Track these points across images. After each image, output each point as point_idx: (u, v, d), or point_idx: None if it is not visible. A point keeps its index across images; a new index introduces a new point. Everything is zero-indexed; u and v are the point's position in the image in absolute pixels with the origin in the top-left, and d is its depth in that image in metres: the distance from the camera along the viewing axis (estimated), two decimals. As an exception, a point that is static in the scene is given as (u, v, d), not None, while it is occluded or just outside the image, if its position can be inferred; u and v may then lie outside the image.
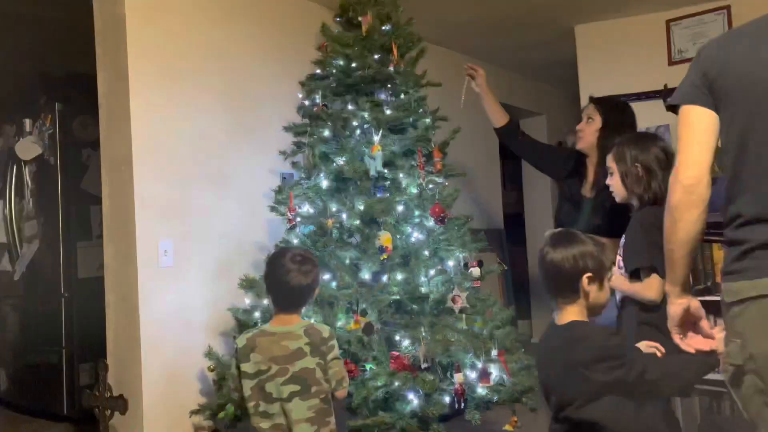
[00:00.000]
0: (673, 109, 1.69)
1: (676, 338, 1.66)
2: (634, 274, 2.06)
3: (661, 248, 1.73)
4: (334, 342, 2.06)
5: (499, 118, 3.14)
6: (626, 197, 2.17)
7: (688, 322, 1.67)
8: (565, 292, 1.70)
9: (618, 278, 2.08)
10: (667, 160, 2.07)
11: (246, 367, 2.00)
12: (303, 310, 2.14)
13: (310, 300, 2.15)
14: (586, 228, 2.68)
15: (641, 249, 2.02)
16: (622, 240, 2.17)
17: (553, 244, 1.73)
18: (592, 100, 2.86)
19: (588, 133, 2.76)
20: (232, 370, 2.10)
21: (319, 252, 2.69)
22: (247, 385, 2.00)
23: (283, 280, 2.05)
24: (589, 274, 1.67)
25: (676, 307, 1.65)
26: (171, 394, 2.77)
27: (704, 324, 1.67)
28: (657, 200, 2.03)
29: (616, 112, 2.79)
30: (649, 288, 2.01)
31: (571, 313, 1.70)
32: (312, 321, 2.19)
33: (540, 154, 3.16)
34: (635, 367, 1.61)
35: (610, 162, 2.21)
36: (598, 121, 2.74)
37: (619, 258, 2.17)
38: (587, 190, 2.81)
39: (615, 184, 2.20)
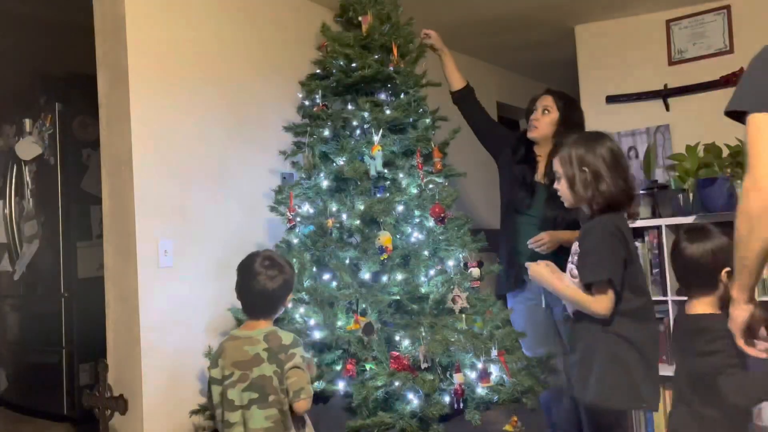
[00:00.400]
0: (735, 115, 1.60)
1: (741, 343, 1.65)
2: (588, 286, 1.95)
3: (621, 260, 1.80)
4: (296, 350, 1.96)
5: (457, 81, 3.15)
6: (575, 203, 2.04)
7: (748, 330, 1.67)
8: (702, 285, 1.82)
9: (567, 287, 2.00)
10: (615, 160, 1.94)
11: (214, 373, 1.97)
12: (274, 315, 2.05)
13: (280, 306, 2.05)
14: (543, 215, 2.73)
15: (601, 261, 1.90)
16: (575, 246, 2.05)
17: (689, 239, 1.83)
18: (550, 91, 2.89)
19: (544, 124, 2.81)
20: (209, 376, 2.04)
21: (319, 252, 2.69)
22: (216, 391, 1.96)
23: (250, 285, 2.00)
24: (728, 269, 1.75)
25: (743, 312, 1.62)
26: (171, 394, 2.77)
27: (764, 331, 1.68)
28: (609, 205, 1.94)
29: (572, 108, 2.84)
30: (599, 303, 1.90)
31: (705, 305, 1.83)
32: (277, 328, 2.06)
33: (489, 127, 3.19)
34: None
35: (557, 166, 2.07)
36: (555, 114, 2.80)
37: (571, 266, 2.06)
38: (540, 176, 2.87)
39: (562, 189, 2.05)
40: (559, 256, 2.42)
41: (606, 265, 1.88)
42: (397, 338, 2.51)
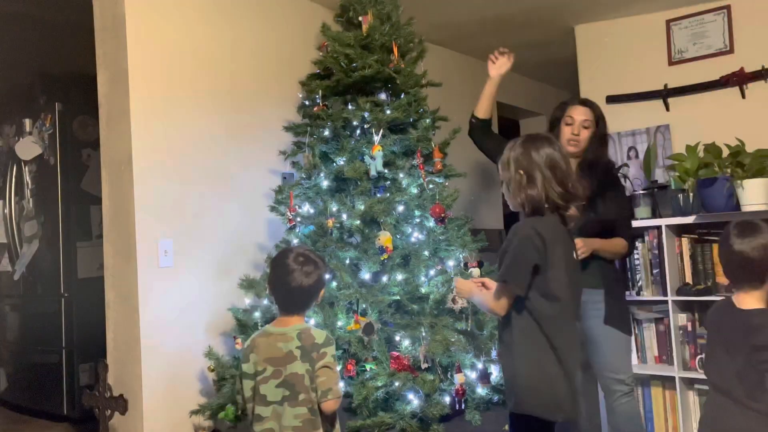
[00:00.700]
0: None
1: None
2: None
3: (529, 266, 1.80)
4: (328, 349, 1.94)
5: (487, 109, 3.07)
6: (512, 206, 2.03)
7: None
8: (752, 279, 1.85)
9: (480, 293, 2.01)
10: (551, 164, 1.91)
11: (246, 368, 1.98)
12: (307, 311, 2.06)
13: (314, 302, 2.07)
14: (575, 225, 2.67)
15: (508, 264, 1.90)
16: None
17: (740, 234, 1.86)
18: (587, 103, 2.74)
19: (583, 140, 2.66)
20: (238, 371, 2.06)
21: (320, 252, 2.69)
22: (247, 386, 1.97)
23: (284, 281, 1.99)
24: None
25: None
26: (171, 394, 2.77)
27: None
28: (537, 209, 1.92)
29: (604, 119, 2.74)
30: (498, 303, 1.92)
31: (755, 299, 1.86)
32: (311, 325, 2.09)
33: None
34: None
35: (499, 169, 2.06)
36: (593, 128, 2.66)
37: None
38: None
39: (504, 192, 2.06)
40: (592, 263, 2.45)
41: (511, 269, 1.90)
42: (397, 338, 2.51)
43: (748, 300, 1.88)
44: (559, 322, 1.87)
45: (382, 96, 2.85)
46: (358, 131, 2.80)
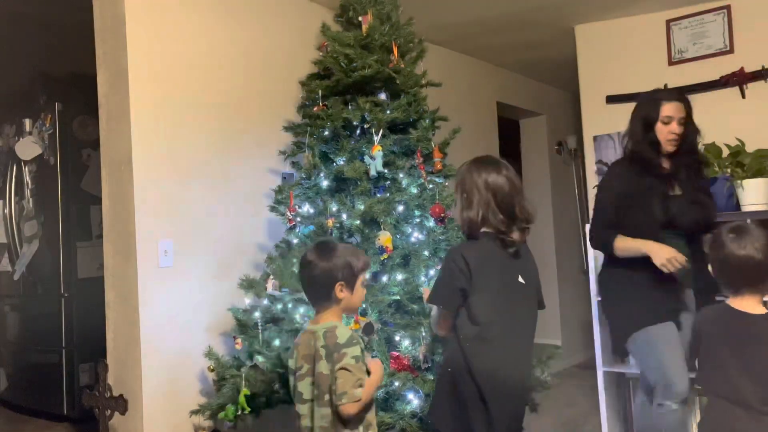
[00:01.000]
0: None
1: None
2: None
3: (456, 289, 1.85)
4: (348, 350, 1.85)
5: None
6: (460, 227, 2.04)
7: None
8: (755, 283, 1.86)
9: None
10: (494, 189, 1.93)
11: (290, 363, 1.95)
12: (329, 304, 1.95)
13: (328, 294, 1.94)
14: (688, 229, 2.53)
15: (437, 287, 1.97)
16: None
17: (735, 240, 1.85)
18: (681, 98, 2.59)
19: (682, 136, 2.56)
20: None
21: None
22: (291, 382, 1.94)
23: (301, 274, 1.97)
24: None
25: None
26: (171, 394, 2.77)
27: None
28: (472, 233, 1.94)
29: (692, 112, 2.62)
30: (439, 325, 1.99)
31: (757, 303, 1.86)
32: (337, 324, 1.95)
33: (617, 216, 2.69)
34: None
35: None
36: (689, 123, 2.58)
37: None
38: (675, 189, 2.60)
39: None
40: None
41: (437, 291, 1.95)
42: (397, 338, 2.51)
43: (751, 304, 1.86)
44: (479, 345, 1.87)
45: (382, 96, 2.85)
46: (358, 131, 2.80)
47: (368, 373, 1.90)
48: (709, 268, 1.99)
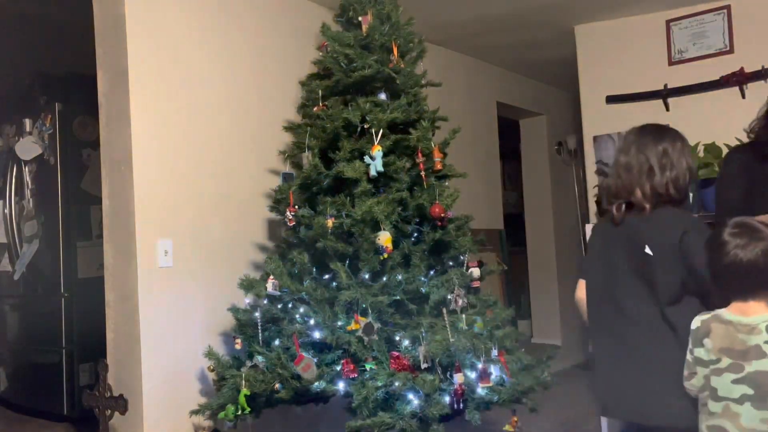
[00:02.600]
0: None
1: None
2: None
3: None
4: None
5: None
6: None
7: None
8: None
9: None
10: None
11: (699, 353, 1.76)
12: (764, 294, 1.74)
13: (764, 281, 1.73)
14: None
15: None
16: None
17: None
18: None
19: None
20: (688, 358, 1.82)
21: (320, 252, 2.69)
22: (701, 373, 1.76)
23: (719, 259, 1.74)
24: None
25: None
26: (171, 394, 2.77)
27: None
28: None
29: None
30: None
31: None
32: None
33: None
34: None
35: None
36: None
37: None
38: None
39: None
40: None
41: None
42: (397, 338, 2.51)
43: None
44: None
45: (382, 96, 2.85)
46: (358, 131, 2.80)
47: None
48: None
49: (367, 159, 2.66)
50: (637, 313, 1.88)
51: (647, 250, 1.87)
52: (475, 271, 2.71)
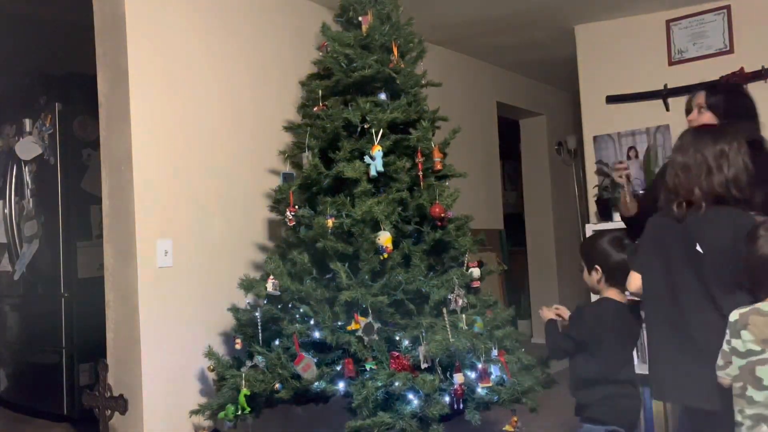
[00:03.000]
0: None
1: None
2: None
3: None
4: None
5: (633, 207, 2.78)
6: None
7: None
8: None
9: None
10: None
11: (736, 344, 1.82)
12: None
13: None
14: None
15: None
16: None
17: None
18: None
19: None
20: (724, 347, 1.86)
21: (320, 252, 2.69)
22: (737, 363, 1.82)
23: (751, 252, 1.82)
24: None
25: None
26: (171, 394, 2.77)
27: None
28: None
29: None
30: None
31: None
32: None
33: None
34: None
35: None
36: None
37: None
38: None
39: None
40: None
41: None
42: (397, 338, 2.51)
43: None
44: None
45: (382, 96, 2.85)
46: (358, 131, 2.80)
47: None
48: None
49: (367, 159, 2.66)
50: (693, 307, 1.95)
51: (698, 248, 1.93)
52: (475, 271, 2.71)
